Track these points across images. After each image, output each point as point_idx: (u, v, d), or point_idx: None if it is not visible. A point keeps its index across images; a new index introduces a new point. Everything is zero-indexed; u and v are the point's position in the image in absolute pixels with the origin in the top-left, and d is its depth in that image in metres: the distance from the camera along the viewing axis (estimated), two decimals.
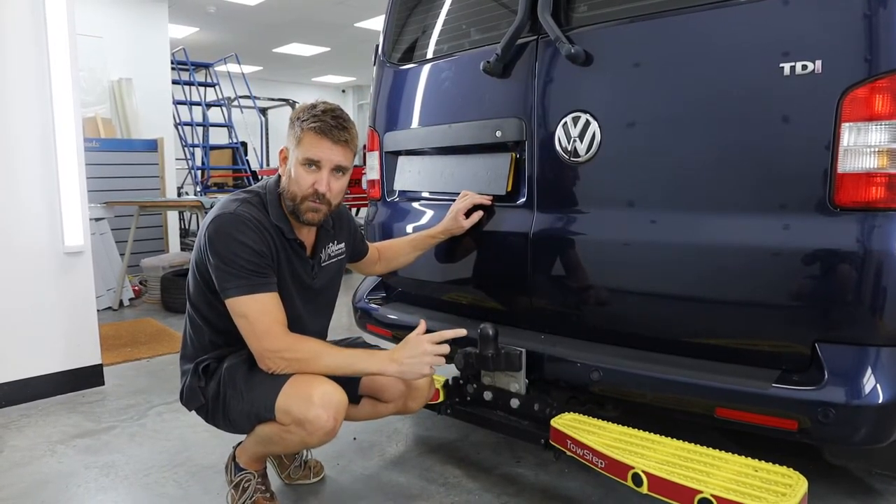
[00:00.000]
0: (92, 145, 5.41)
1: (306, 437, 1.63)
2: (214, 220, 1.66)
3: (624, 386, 1.73)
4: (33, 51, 2.81)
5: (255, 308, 1.62)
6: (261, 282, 1.63)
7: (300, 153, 1.68)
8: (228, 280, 1.62)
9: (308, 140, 1.67)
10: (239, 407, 1.69)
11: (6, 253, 2.79)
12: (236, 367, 1.72)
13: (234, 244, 1.62)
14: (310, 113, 1.68)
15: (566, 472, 2.09)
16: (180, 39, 10.23)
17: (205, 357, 1.78)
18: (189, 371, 1.79)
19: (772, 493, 1.36)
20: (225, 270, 1.62)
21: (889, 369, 1.41)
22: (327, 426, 1.60)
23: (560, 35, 1.79)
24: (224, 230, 1.64)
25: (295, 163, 1.70)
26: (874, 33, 1.36)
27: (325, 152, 1.67)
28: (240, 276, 1.61)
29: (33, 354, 2.87)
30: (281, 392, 1.63)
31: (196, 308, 1.79)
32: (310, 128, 1.66)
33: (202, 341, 1.80)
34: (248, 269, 1.62)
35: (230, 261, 1.62)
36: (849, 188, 1.40)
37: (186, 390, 1.78)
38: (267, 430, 1.69)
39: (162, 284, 4.89)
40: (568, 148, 1.82)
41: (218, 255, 1.63)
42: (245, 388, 1.68)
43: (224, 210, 1.68)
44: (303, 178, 1.69)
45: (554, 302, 1.95)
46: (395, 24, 2.47)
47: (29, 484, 2.09)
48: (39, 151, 2.84)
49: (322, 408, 1.59)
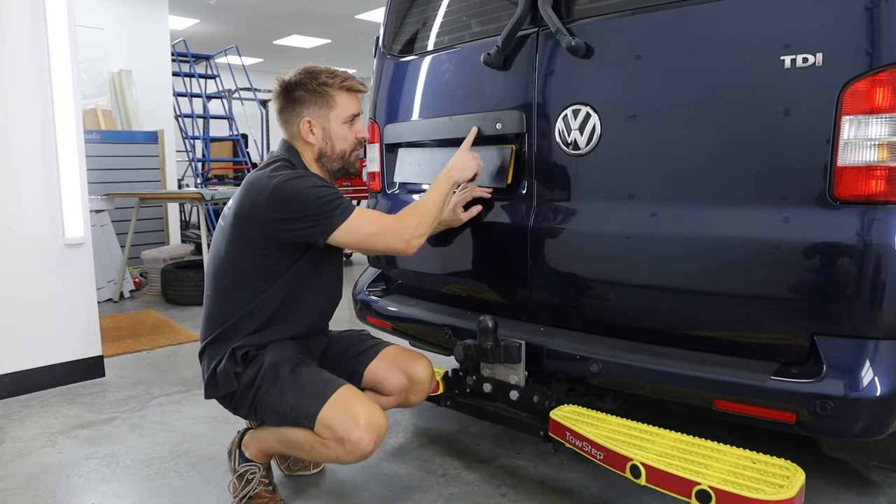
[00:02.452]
0: (92, 137, 5.42)
1: (342, 456, 1.63)
2: (276, 190, 1.67)
3: (623, 378, 1.73)
4: (33, 42, 2.80)
5: (365, 219, 1.72)
6: (348, 202, 1.72)
7: (341, 112, 1.83)
8: (327, 217, 1.67)
9: (344, 98, 1.83)
10: (276, 404, 1.68)
11: (7, 244, 2.79)
12: (282, 365, 1.71)
13: (309, 191, 1.69)
14: (331, 76, 1.82)
15: (565, 464, 2.10)
16: (181, 31, 10.21)
17: (243, 344, 1.75)
18: (222, 355, 1.74)
19: (769, 484, 1.37)
20: (317, 214, 1.66)
21: (887, 362, 1.41)
22: (367, 449, 1.61)
23: (561, 27, 1.79)
24: (293, 189, 1.68)
25: (336, 123, 1.83)
26: (875, 26, 1.35)
27: (358, 105, 1.88)
28: (334, 208, 1.68)
29: (34, 346, 2.88)
30: (326, 405, 1.62)
31: (241, 290, 1.75)
32: (342, 86, 1.82)
33: (239, 325, 1.76)
34: (335, 199, 1.69)
35: (318, 204, 1.67)
36: (849, 181, 1.40)
37: (220, 374, 1.74)
38: (300, 437, 1.67)
39: (162, 276, 4.90)
40: (568, 140, 1.82)
41: (304, 209, 1.67)
42: (287, 389, 1.67)
43: (275, 179, 1.69)
44: (348, 134, 1.85)
45: (553, 294, 1.95)
46: (395, 15, 2.46)
47: (30, 474, 2.10)
48: (39, 143, 2.84)
49: (366, 430, 1.60)
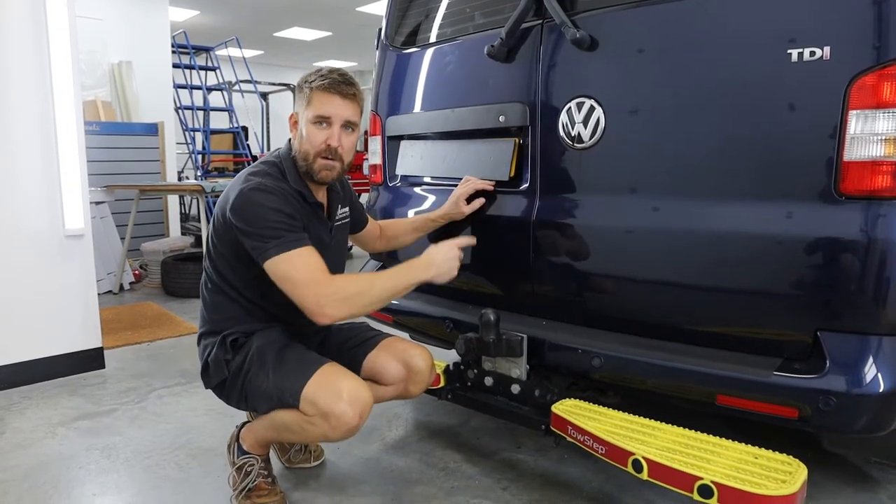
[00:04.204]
0: (92, 129, 5.40)
1: (329, 432, 1.62)
2: (239, 196, 1.67)
3: (625, 373, 1.73)
4: (33, 33, 2.78)
5: (298, 262, 1.63)
6: (296, 237, 1.65)
7: (311, 112, 1.73)
8: (266, 243, 1.63)
9: (318, 98, 1.72)
10: (263, 387, 1.69)
11: (7, 236, 2.78)
12: (268, 347, 1.73)
13: (264, 210, 1.65)
14: (317, 74, 1.74)
15: (566, 458, 2.10)
16: (181, 22, 10.16)
17: (233, 331, 1.77)
18: (214, 344, 1.77)
19: (772, 479, 1.37)
20: (260, 236, 1.64)
21: (891, 358, 1.40)
22: (352, 423, 1.60)
23: (565, 19, 1.78)
24: (251, 201, 1.66)
25: (306, 122, 1.74)
26: (883, 20, 1.34)
27: (335, 108, 1.72)
28: (276, 236, 1.63)
29: (34, 337, 2.88)
30: (309, 381, 1.63)
31: (226, 281, 1.79)
32: (318, 86, 1.72)
33: (230, 314, 1.80)
34: (283, 229, 1.64)
35: (264, 226, 1.64)
36: (854, 176, 1.39)
37: (212, 363, 1.77)
38: (287, 418, 1.68)
39: (162, 268, 4.89)
40: (572, 133, 1.81)
41: (251, 225, 1.65)
42: (273, 370, 1.68)
43: (246, 184, 1.69)
44: (315, 136, 1.73)
45: (556, 288, 1.94)
46: (397, 7, 2.44)
47: (30, 465, 2.10)
48: (39, 135, 2.83)
49: (349, 404, 1.59)
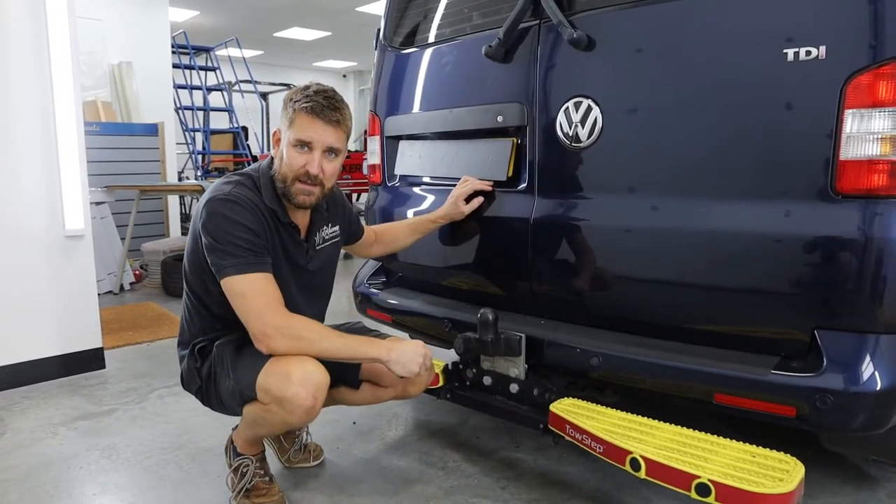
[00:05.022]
0: (92, 129, 5.40)
1: (286, 416, 1.60)
2: (208, 203, 1.65)
3: (623, 372, 1.73)
4: (33, 34, 2.78)
5: (252, 286, 1.59)
6: (257, 260, 1.61)
7: (292, 134, 1.66)
8: (224, 259, 1.60)
9: (300, 121, 1.65)
10: (226, 385, 1.69)
11: (7, 236, 2.79)
12: (225, 345, 1.72)
13: (229, 223, 1.61)
14: (302, 94, 1.67)
15: (565, 457, 2.10)
16: (181, 23, 10.17)
17: (201, 339, 1.78)
18: (186, 354, 1.80)
19: (769, 478, 1.37)
20: (221, 250, 1.60)
21: (888, 357, 1.41)
22: (306, 404, 1.56)
23: (562, 19, 1.78)
24: (218, 211, 1.62)
25: (287, 144, 1.68)
26: (879, 19, 1.35)
27: (317, 133, 1.65)
28: (236, 254, 1.59)
29: (34, 338, 2.88)
30: (262, 370, 1.60)
31: (193, 292, 1.79)
32: (301, 108, 1.64)
33: (199, 325, 1.80)
34: (244, 247, 1.60)
35: (225, 240, 1.60)
36: (851, 175, 1.39)
37: (185, 373, 1.80)
38: (252, 412, 1.68)
39: (163, 268, 4.89)
40: (569, 133, 1.81)
41: (212, 236, 1.61)
42: (231, 366, 1.68)
43: (217, 192, 1.66)
44: (294, 160, 1.66)
45: (554, 287, 1.95)
46: (396, 7, 2.45)
47: (31, 465, 2.10)
48: (40, 135, 2.83)
49: (301, 385, 1.55)
